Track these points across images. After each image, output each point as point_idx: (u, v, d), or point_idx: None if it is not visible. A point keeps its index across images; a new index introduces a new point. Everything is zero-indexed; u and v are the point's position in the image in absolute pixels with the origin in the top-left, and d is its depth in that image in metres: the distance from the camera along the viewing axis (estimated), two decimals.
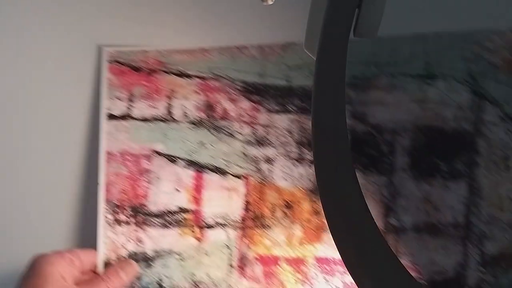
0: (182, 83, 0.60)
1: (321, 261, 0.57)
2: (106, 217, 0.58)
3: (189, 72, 0.60)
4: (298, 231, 0.58)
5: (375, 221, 0.53)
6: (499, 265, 0.56)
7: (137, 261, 0.58)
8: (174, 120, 0.59)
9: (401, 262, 0.32)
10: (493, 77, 0.57)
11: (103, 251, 0.58)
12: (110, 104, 0.60)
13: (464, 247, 0.56)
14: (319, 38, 0.33)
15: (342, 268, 0.57)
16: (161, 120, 0.59)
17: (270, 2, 0.45)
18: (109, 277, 0.56)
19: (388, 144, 0.58)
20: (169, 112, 0.60)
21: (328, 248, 0.57)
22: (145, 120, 0.60)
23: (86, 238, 0.59)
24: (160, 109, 0.60)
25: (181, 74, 0.60)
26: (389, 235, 0.57)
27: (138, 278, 0.58)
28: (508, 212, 0.56)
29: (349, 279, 0.57)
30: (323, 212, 0.56)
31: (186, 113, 0.59)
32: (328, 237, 0.57)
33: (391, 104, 0.58)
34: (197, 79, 0.60)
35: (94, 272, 0.57)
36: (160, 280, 0.58)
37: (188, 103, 0.60)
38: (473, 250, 0.56)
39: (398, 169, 0.58)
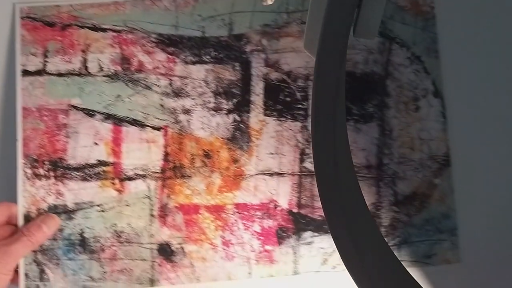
0: (97, 36, 0.60)
1: (240, 208, 0.58)
2: (24, 171, 0.58)
3: (104, 26, 0.60)
4: (217, 180, 0.59)
5: (292, 165, 0.55)
6: (412, 204, 0.58)
7: (58, 214, 0.58)
8: (90, 74, 0.60)
9: None
10: (401, 19, 0.58)
11: (23, 205, 0.58)
12: (25, 60, 0.59)
13: (377, 188, 0.58)
14: (319, 38, 0.33)
15: (260, 213, 0.58)
16: (77, 75, 0.59)
17: (270, 2, 0.45)
18: (30, 231, 0.56)
19: (301, 90, 0.59)
20: (85, 67, 0.60)
21: (246, 195, 0.58)
22: (60, 75, 0.59)
23: (6, 193, 0.59)
24: (75, 64, 0.60)
25: (95, 28, 0.60)
26: (305, 179, 0.58)
27: (60, 230, 0.58)
28: (419, 152, 0.58)
29: (267, 223, 0.58)
30: (242, 161, 0.56)
31: (101, 66, 0.60)
32: (246, 184, 0.58)
33: (303, 51, 0.59)
34: (112, 33, 0.60)
35: (15, 226, 0.58)
36: (82, 231, 0.58)
37: (103, 56, 0.60)
38: (387, 190, 0.58)
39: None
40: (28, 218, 0.58)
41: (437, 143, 0.57)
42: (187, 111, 0.59)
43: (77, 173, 0.59)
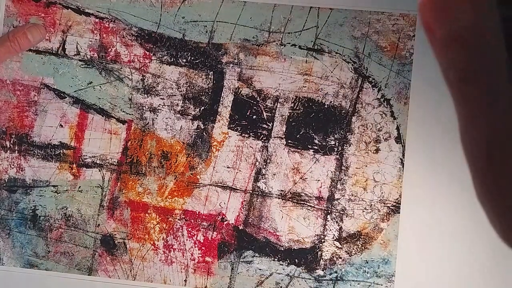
0: (79, 19, 0.60)
1: (188, 215, 0.59)
2: None
3: (88, 10, 0.60)
4: (170, 183, 0.59)
5: (246, 183, 0.55)
6: (354, 244, 0.58)
7: (16, 187, 0.60)
8: (66, 56, 0.60)
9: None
10: (378, 59, 0.57)
11: None
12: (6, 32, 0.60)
13: (324, 221, 0.58)
14: None
15: (206, 224, 0.59)
16: (54, 54, 0.60)
17: None
18: (15, 37, 0.58)
19: (268, 111, 0.59)
20: (63, 48, 0.60)
21: (196, 203, 0.59)
22: (38, 52, 0.60)
23: None
24: (54, 43, 0.60)
25: (79, 11, 0.60)
26: (256, 198, 0.58)
27: (16, 203, 0.60)
28: (370, 193, 0.57)
29: (211, 235, 0.59)
30: (198, 169, 0.57)
31: (79, 50, 0.60)
32: (198, 193, 0.59)
33: (277, 72, 0.58)
34: (94, 18, 0.60)
35: None
36: (35, 207, 0.60)
37: (82, 40, 0.60)
38: (333, 225, 0.58)
39: (274, 136, 0.58)
40: None
41: (390, 188, 0.57)
42: (154, 110, 0.59)
43: (40, 151, 0.60)
